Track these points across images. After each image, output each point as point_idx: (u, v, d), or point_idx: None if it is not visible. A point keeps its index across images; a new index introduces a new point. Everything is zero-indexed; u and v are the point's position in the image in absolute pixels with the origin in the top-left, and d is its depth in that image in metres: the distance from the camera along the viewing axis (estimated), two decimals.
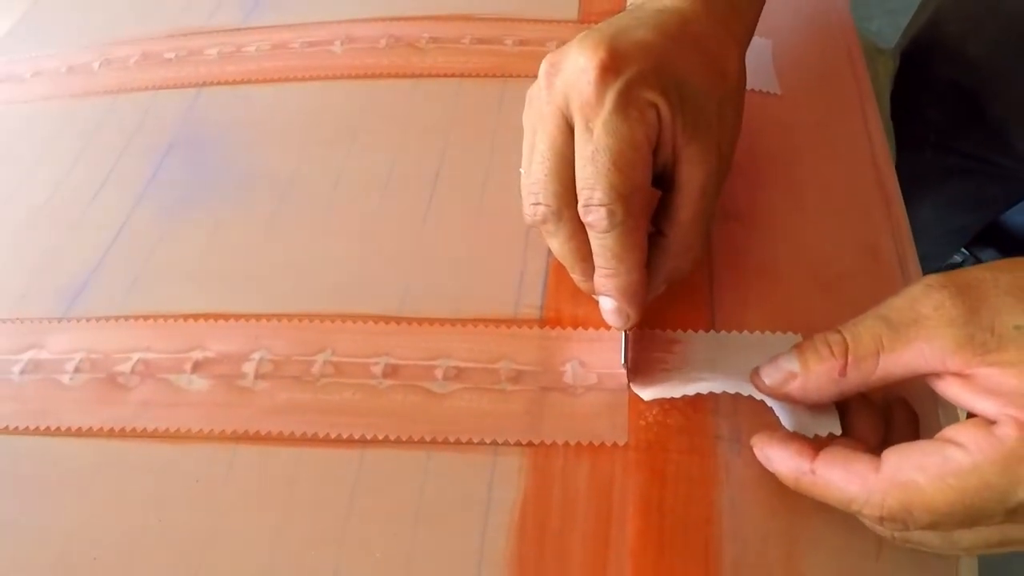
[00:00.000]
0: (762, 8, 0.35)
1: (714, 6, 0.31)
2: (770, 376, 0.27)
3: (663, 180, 0.30)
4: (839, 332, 0.26)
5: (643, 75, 0.28)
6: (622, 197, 0.27)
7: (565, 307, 0.32)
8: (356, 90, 0.42)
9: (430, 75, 0.42)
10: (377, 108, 0.41)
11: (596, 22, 0.44)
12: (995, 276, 0.23)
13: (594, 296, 0.31)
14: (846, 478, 0.24)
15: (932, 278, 0.24)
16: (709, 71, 0.30)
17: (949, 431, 0.23)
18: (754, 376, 0.28)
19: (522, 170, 0.31)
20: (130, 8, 0.50)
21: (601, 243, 0.28)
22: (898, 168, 0.40)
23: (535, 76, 0.30)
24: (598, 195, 0.27)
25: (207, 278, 0.34)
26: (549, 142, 0.29)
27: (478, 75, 0.42)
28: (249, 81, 0.43)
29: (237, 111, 0.42)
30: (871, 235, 0.36)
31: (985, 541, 0.24)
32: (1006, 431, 0.21)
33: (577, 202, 0.28)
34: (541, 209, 0.29)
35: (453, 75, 0.42)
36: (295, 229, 0.36)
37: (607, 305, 0.30)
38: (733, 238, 0.35)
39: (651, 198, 0.30)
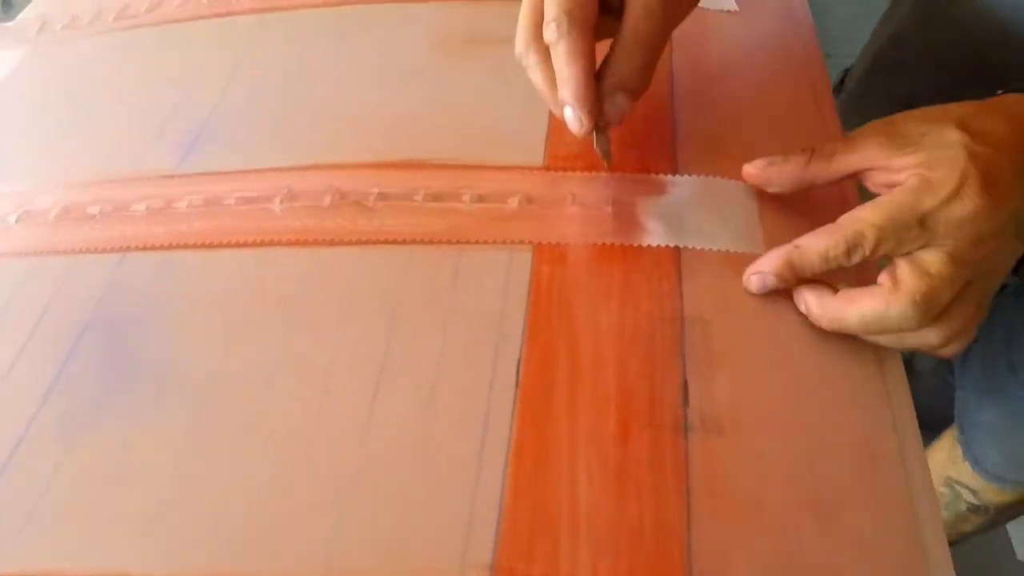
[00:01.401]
0: None
1: None
2: (755, 166, 0.38)
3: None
4: (808, 147, 0.37)
5: None
6: (566, 12, 0.34)
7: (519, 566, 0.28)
8: (296, 259, 0.37)
9: (378, 241, 0.38)
10: (318, 282, 0.37)
11: (563, 167, 0.40)
12: (909, 112, 0.36)
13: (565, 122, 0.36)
14: (816, 236, 0.34)
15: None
16: None
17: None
18: (746, 168, 0.38)
19: None
20: (56, 146, 0.46)
21: (555, 55, 0.34)
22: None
23: (492, 242, 0.37)
24: (552, 11, 0.34)
25: (107, 523, 0.30)
26: None
27: (431, 241, 0.37)
28: (177, 246, 0.39)
29: (162, 283, 0.37)
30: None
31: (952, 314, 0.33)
32: (910, 180, 0.33)
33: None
34: (518, 48, 0.37)
35: (404, 241, 0.37)
36: (214, 448, 0.31)
37: (567, 114, 0.35)
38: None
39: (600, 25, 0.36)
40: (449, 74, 0.46)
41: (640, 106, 0.38)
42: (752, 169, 0.38)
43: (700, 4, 0.42)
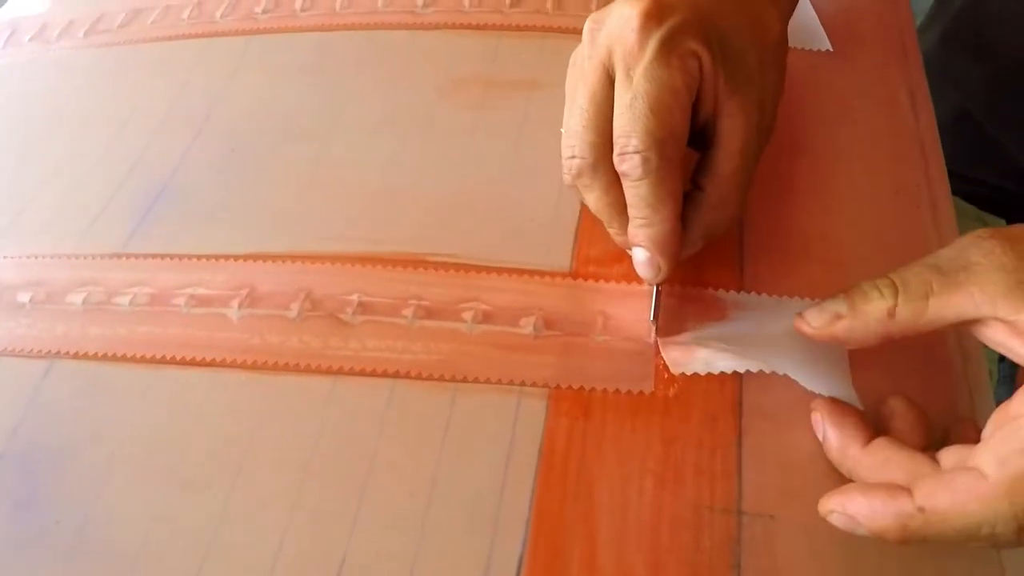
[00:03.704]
0: None
1: None
2: (816, 318, 0.27)
3: (703, 140, 0.30)
4: (888, 277, 0.26)
5: (687, 24, 0.28)
6: (658, 143, 0.27)
7: None
8: (250, 390, 0.30)
9: (353, 372, 0.30)
10: (275, 424, 0.29)
11: (594, 275, 0.32)
12: None
13: (628, 250, 0.30)
14: (956, 500, 0.22)
15: (981, 230, 0.25)
16: (751, 28, 0.30)
17: (1015, 407, 0.23)
18: (798, 320, 0.28)
19: (563, 129, 0.30)
20: None
21: (635, 192, 0.28)
22: None
23: (498, 382, 0.29)
24: (634, 142, 0.27)
25: None
26: (589, 94, 0.29)
27: (419, 376, 0.29)
28: (113, 357, 0.31)
29: (89, 409, 0.30)
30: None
31: None
32: None
33: (613, 154, 0.28)
34: (576, 162, 0.29)
35: (385, 374, 0.30)
36: None
37: (640, 256, 0.29)
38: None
39: (689, 156, 0.29)
40: (460, 130, 0.37)
41: None
42: (809, 326, 0.27)
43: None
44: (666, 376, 0.29)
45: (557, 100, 0.31)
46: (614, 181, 0.29)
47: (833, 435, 0.26)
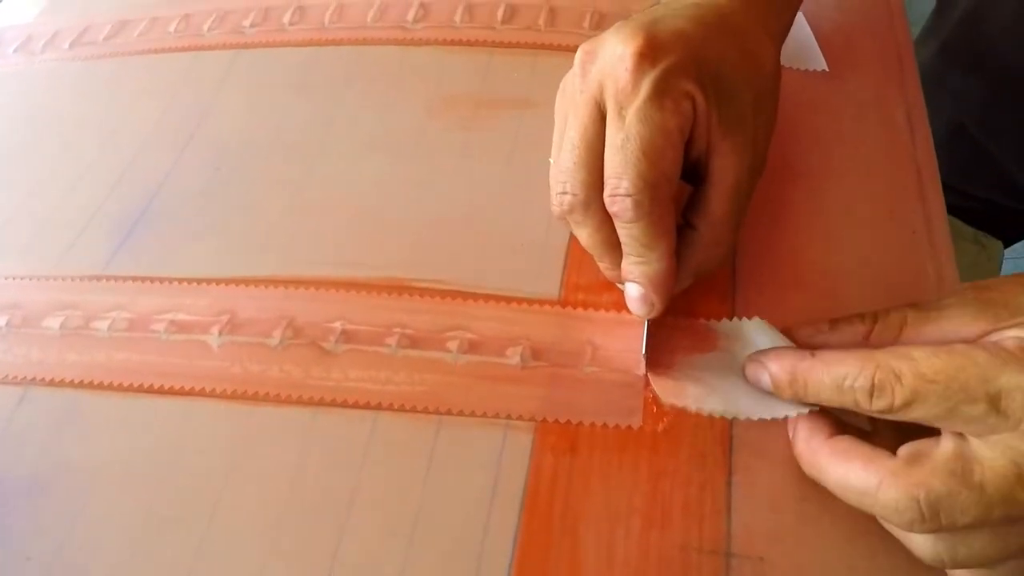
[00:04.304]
0: (798, 9, 0.36)
1: (751, 2, 0.31)
2: (804, 330, 0.28)
3: (696, 175, 0.29)
4: (869, 311, 0.28)
5: (680, 65, 0.27)
6: (650, 186, 0.27)
7: None
8: (230, 421, 0.29)
9: (335, 403, 0.29)
10: (254, 458, 0.28)
11: (583, 302, 0.31)
12: (1016, 278, 0.26)
13: (619, 285, 0.30)
14: (842, 356, 0.25)
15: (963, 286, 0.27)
16: (746, 65, 0.29)
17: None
18: (788, 332, 0.29)
19: (551, 160, 0.30)
20: None
21: (628, 233, 0.28)
22: None
23: (483, 415, 0.28)
24: (625, 184, 0.27)
25: None
26: (580, 130, 0.28)
27: (403, 408, 0.29)
28: (90, 385, 0.30)
29: (62, 439, 0.29)
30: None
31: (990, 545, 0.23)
32: (1007, 340, 0.23)
33: (604, 193, 0.28)
34: (568, 199, 0.28)
35: (367, 406, 0.29)
36: None
37: (633, 292, 0.29)
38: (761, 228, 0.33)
39: (681, 191, 0.29)
40: (450, 150, 0.37)
41: None
42: (801, 333, 0.29)
43: (781, 62, 0.32)
44: (655, 410, 0.28)
45: (549, 119, 0.31)
46: (606, 218, 0.28)
47: (802, 425, 0.27)
